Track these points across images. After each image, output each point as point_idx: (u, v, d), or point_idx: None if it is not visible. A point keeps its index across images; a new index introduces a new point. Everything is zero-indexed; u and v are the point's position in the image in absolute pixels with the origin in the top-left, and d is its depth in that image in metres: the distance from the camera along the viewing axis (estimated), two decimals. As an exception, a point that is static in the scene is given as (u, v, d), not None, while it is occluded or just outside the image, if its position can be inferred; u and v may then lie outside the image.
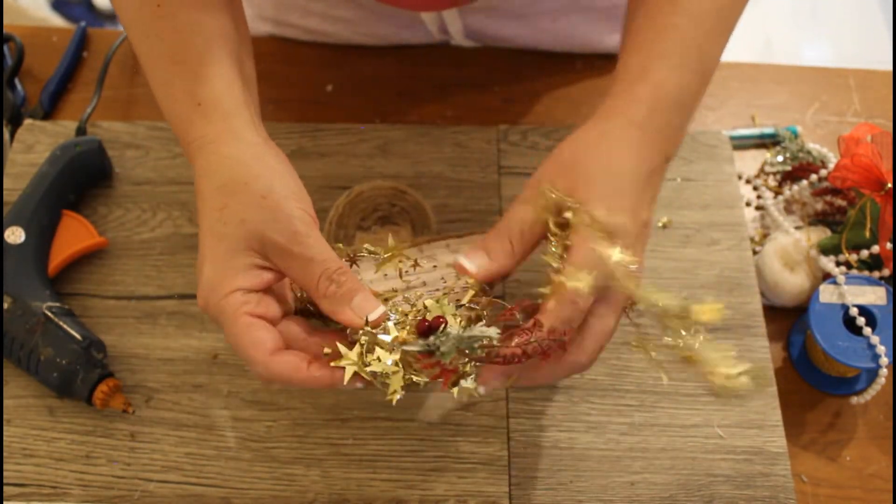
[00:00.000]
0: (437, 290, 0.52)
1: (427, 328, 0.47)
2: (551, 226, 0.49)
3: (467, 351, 0.46)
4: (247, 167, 0.49)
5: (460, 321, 0.47)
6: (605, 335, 0.49)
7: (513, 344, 0.46)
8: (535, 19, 0.80)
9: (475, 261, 0.50)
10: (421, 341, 0.46)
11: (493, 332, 0.46)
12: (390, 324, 0.48)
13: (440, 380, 0.47)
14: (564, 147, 0.51)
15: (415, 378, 0.47)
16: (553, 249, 0.49)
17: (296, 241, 0.47)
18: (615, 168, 0.49)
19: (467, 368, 0.47)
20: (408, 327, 0.48)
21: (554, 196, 0.49)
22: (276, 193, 0.48)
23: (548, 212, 0.49)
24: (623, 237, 0.47)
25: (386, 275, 0.54)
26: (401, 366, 0.46)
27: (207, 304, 0.47)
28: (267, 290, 0.49)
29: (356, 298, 0.48)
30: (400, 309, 0.50)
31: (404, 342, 0.46)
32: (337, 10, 0.80)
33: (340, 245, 0.54)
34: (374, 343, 0.47)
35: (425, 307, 0.49)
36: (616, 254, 0.47)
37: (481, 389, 0.48)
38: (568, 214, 0.48)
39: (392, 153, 0.73)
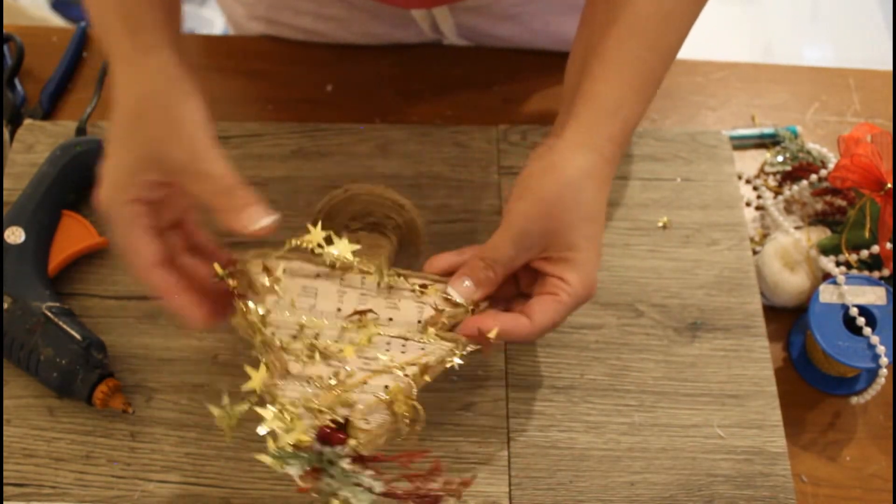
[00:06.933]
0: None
1: (325, 438, 0.47)
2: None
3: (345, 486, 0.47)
4: (163, 84, 0.52)
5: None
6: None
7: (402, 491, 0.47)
8: (526, 20, 0.79)
9: (460, 290, 0.54)
10: (315, 450, 0.47)
11: (379, 486, 0.47)
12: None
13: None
14: (544, 183, 0.53)
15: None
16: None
17: (196, 158, 0.51)
18: (594, 213, 0.53)
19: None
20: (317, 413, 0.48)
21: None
22: (184, 113, 0.51)
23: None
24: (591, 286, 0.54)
25: (340, 309, 0.54)
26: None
27: (108, 202, 0.52)
28: (161, 201, 0.53)
29: (250, 209, 0.50)
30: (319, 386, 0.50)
31: (298, 443, 0.47)
32: (328, 9, 0.80)
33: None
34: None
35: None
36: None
37: None
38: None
39: (392, 153, 0.73)
